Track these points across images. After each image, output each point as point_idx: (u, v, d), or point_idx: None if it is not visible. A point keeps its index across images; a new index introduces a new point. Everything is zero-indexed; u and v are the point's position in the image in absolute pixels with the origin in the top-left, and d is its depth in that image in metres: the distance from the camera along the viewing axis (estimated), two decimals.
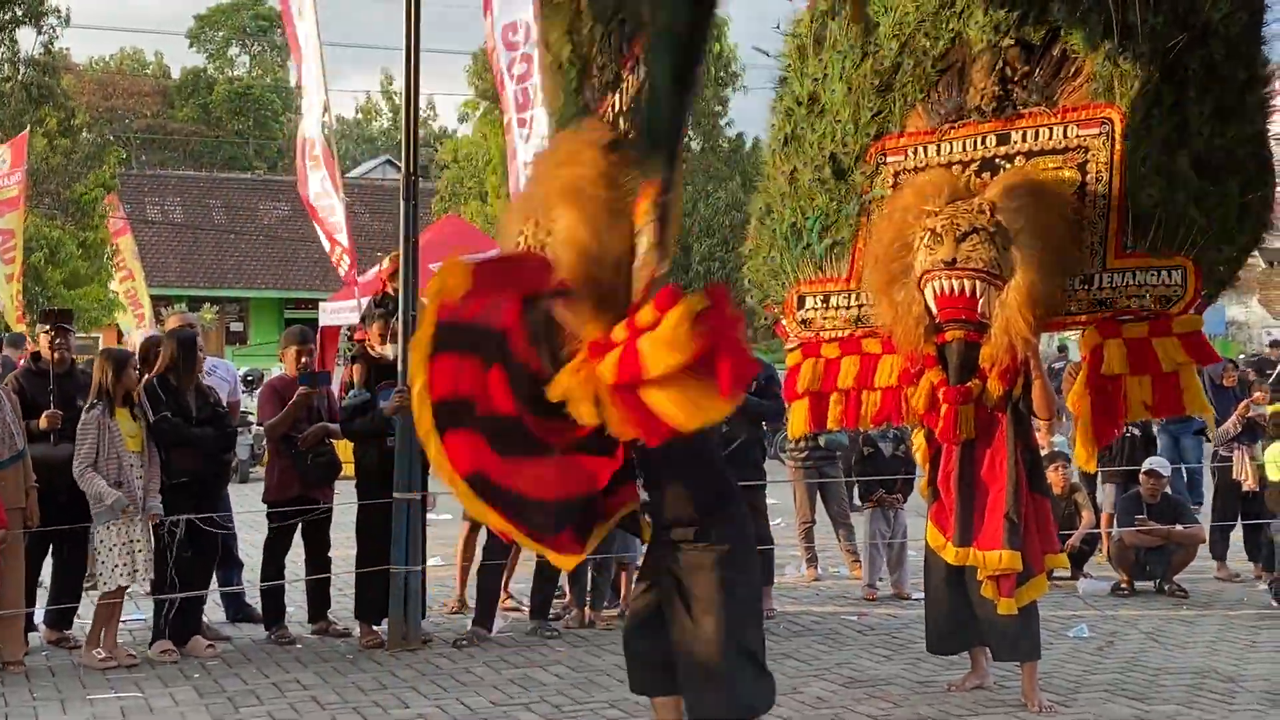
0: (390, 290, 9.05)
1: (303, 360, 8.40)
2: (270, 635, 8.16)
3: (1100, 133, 6.39)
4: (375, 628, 8.08)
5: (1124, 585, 9.87)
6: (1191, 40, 6.13)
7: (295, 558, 8.53)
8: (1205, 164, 6.16)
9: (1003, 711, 6.56)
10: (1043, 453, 8.19)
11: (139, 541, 7.46)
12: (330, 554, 8.51)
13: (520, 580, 9.09)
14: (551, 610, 8.65)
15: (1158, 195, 6.24)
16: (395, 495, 7.90)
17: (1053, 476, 9.72)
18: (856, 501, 11.34)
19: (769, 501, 9.71)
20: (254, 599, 8.58)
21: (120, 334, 22.74)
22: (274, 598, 8.29)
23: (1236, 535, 10.87)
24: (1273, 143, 6.37)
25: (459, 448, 4.88)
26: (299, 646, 8.01)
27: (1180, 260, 6.23)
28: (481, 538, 8.60)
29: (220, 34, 56.69)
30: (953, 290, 6.46)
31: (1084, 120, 6.44)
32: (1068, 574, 9.79)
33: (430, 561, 8.75)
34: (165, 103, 53.45)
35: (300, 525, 8.35)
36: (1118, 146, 6.33)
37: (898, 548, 9.81)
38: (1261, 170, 6.16)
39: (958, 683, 6.98)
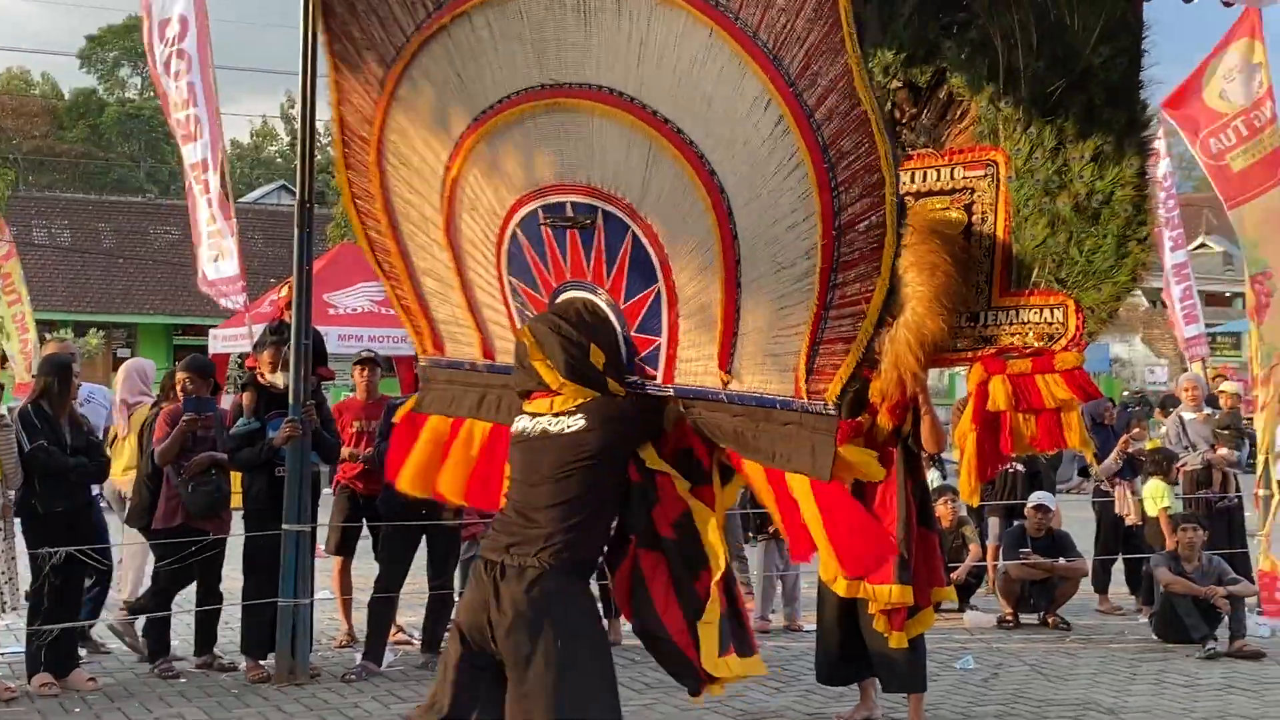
0: (287, 318, 8.95)
1: (188, 387, 8.26)
2: (154, 668, 7.99)
3: (985, 174, 6.53)
4: (262, 662, 7.95)
5: (1009, 618, 10.03)
6: (1072, 85, 6.29)
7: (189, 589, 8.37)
8: (1085, 206, 6.34)
9: None
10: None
11: (3, 573, 7.31)
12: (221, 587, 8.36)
13: (410, 611, 9.01)
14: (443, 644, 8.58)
15: (1040, 236, 6.41)
16: (284, 527, 7.79)
17: (941, 510, 9.87)
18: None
19: None
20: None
21: (4, 357, 22.16)
22: (158, 630, 8.12)
23: (1118, 569, 11.11)
24: (1152, 185, 6.56)
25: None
26: (183, 680, 7.85)
27: (1062, 299, 6.38)
28: (370, 570, 8.50)
29: (112, 54, 55.80)
30: None
31: (970, 162, 6.57)
32: (955, 606, 9.94)
33: (319, 594, 8.64)
34: (54, 123, 52.47)
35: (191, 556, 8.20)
36: (1002, 188, 6.47)
37: (791, 580, 9.88)
38: (1140, 213, 6.32)
39: (847, 714, 7.04)
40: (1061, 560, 10.05)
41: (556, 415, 4.53)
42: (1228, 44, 10.35)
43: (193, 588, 8.31)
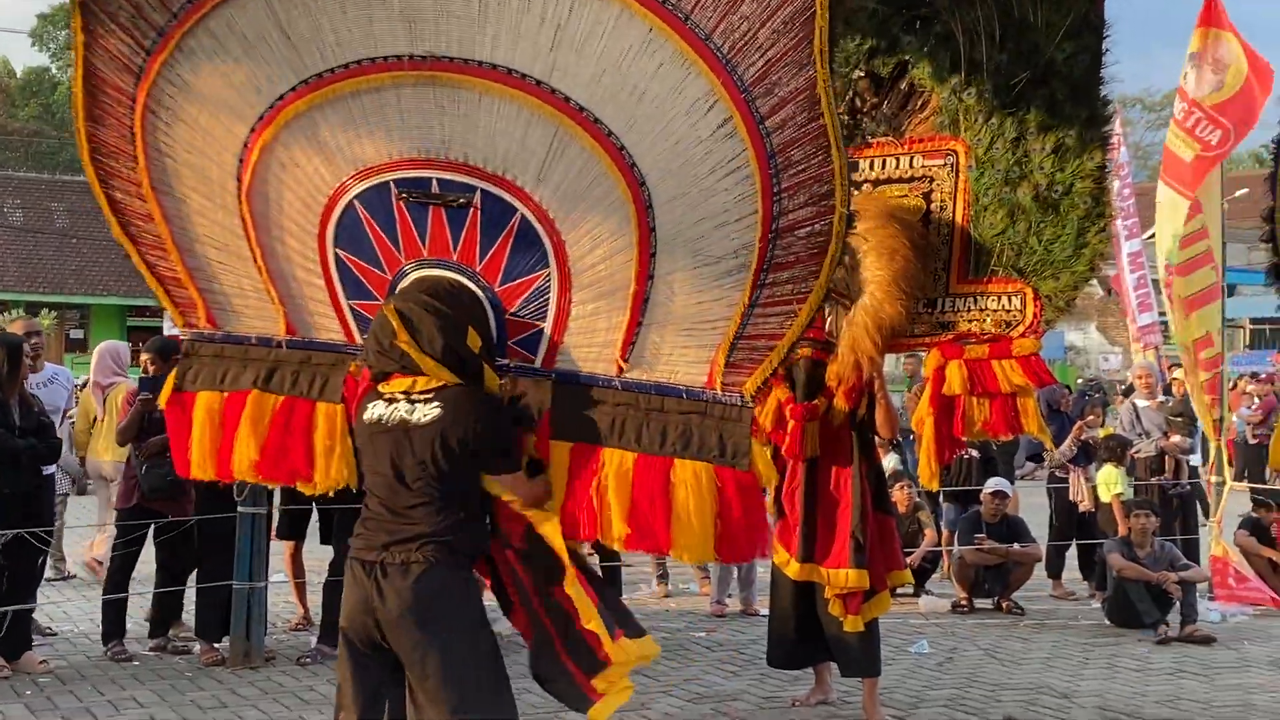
0: None
1: (148, 369, 8.23)
2: (107, 650, 7.93)
3: (945, 163, 6.57)
4: (216, 645, 7.90)
5: (963, 602, 10.10)
6: (1034, 79, 6.33)
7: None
8: (1045, 197, 6.38)
9: None
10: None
11: None
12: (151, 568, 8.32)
13: None
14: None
15: (999, 225, 6.46)
16: (239, 509, 7.75)
17: (898, 495, 9.93)
18: None
19: None
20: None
21: None
22: (114, 611, 8.07)
23: (1072, 554, 11.21)
24: (1112, 177, 6.62)
25: None
26: (136, 663, 7.80)
27: (1020, 287, 6.43)
28: (324, 552, 8.47)
29: (64, 33, 55.16)
30: None
31: (930, 151, 6.61)
32: (911, 591, 10.00)
33: (274, 577, 8.60)
34: (7, 102, 51.84)
35: (153, 540, 8.16)
36: (962, 177, 6.51)
37: (747, 565, 9.91)
38: (1099, 204, 6.38)
39: (802, 698, 7.08)
40: (1016, 546, 10.13)
41: (413, 400, 4.30)
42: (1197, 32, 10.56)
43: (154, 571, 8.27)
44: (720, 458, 4.49)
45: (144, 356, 8.29)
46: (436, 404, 4.25)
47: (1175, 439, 11.30)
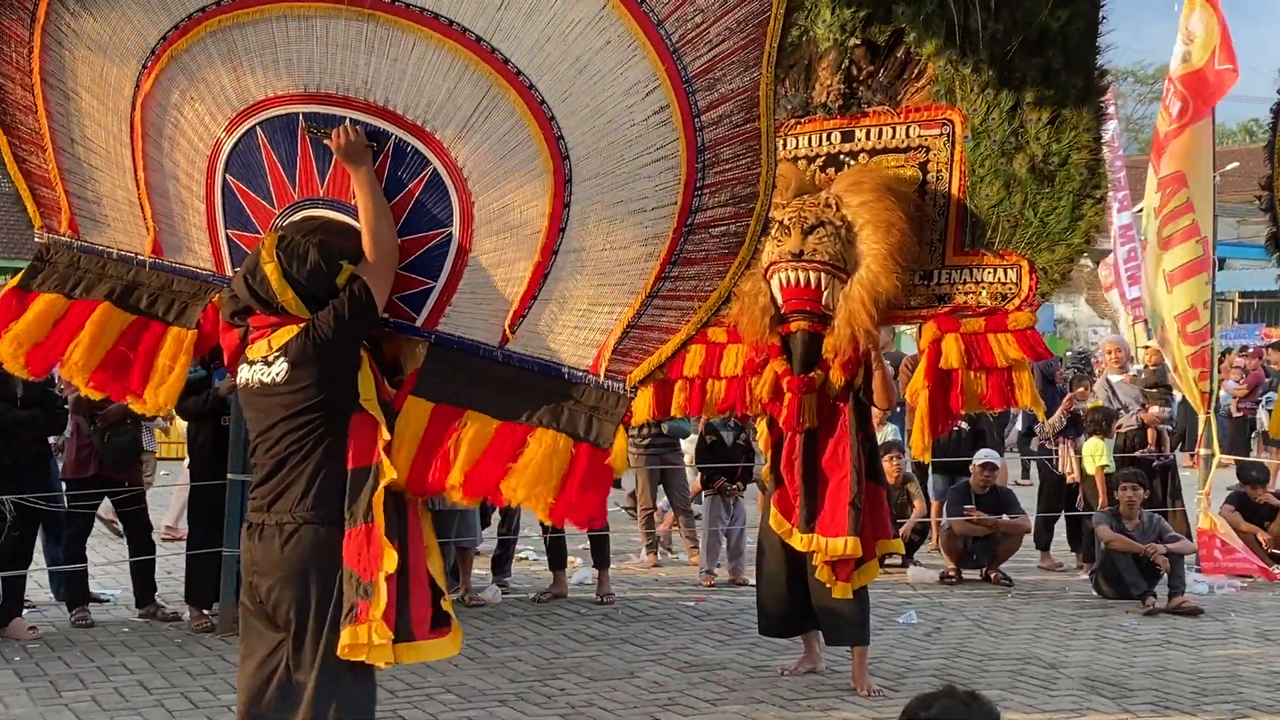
0: None
1: None
2: (72, 617, 7.93)
3: (941, 133, 6.55)
4: (206, 611, 7.90)
5: (952, 573, 10.14)
6: (1030, 47, 6.31)
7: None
8: (1041, 168, 6.36)
9: (834, 695, 6.69)
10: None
11: None
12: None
13: None
14: None
15: (995, 197, 6.44)
16: (229, 476, 7.74)
17: (887, 466, 9.93)
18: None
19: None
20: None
21: None
22: (76, 580, 8.07)
23: (1060, 526, 11.24)
24: (1105, 150, 6.59)
25: None
26: (126, 629, 7.81)
27: (1016, 259, 6.42)
28: None
29: None
30: (798, 282, 6.57)
31: (926, 121, 6.59)
32: (900, 561, 10.03)
33: None
34: None
35: (114, 510, 8.14)
36: (958, 147, 6.49)
37: (735, 535, 9.93)
38: (1094, 176, 6.36)
39: (791, 667, 7.10)
40: (1004, 517, 10.16)
41: (269, 362, 4.23)
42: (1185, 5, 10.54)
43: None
44: (585, 436, 4.41)
45: None
46: (283, 360, 4.19)
47: (1154, 410, 11.33)
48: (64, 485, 7.98)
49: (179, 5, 4.39)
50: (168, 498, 11.59)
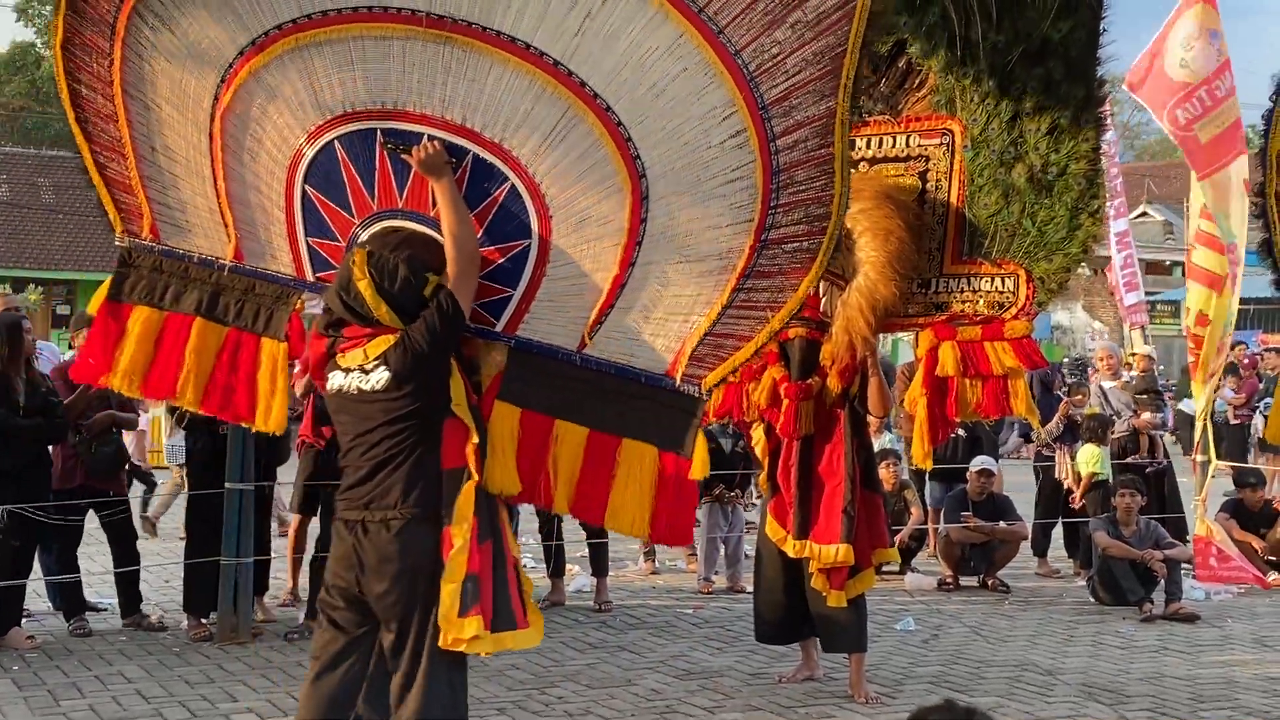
0: None
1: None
2: (70, 626, 7.93)
3: (941, 143, 6.57)
4: (204, 620, 7.90)
5: (949, 580, 10.14)
6: (1031, 58, 6.33)
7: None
8: (1039, 178, 6.39)
9: (831, 703, 6.69)
10: None
11: None
12: (142, 544, 8.30)
13: None
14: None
15: (993, 206, 6.47)
16: (227, 485, 7.74)
17: (883, 474, 9.94)
18: None
19: None
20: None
21: None
22: (70, 589, 8.06)
23: (1057, 533, 11.25)
24: (1103, 159, 6.62)
25: None
26: (124, 639, 7.81)
27: (1013, 268, 6.44)
28: (313, 529, 8.47)
29: (49, 8, 54.80)
30: None
31: (926, 130, 6.60)
32: (897, 568, 10.04)
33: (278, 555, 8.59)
34: None
35: (99, 520, 8.13)
36: (957, 157, 6.51)
37: (734, 542, 9.94)
38: (1092, 186, 6.39)
39: (788, 675, 7.11)
40: (1001, 524, 10.17)
41: (366, 371, 4.42)
42: (1181, 11, 10.39)
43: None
44: (665, 443, 4.67)
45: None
46: (383, 368, 4.38)
47: (1146, 416, 11.34)
48: (51, 496, 7.92)
49: (256, 22, 4.51)
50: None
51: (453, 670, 4.44)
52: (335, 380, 4.51)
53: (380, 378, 4.38)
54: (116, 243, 5.27)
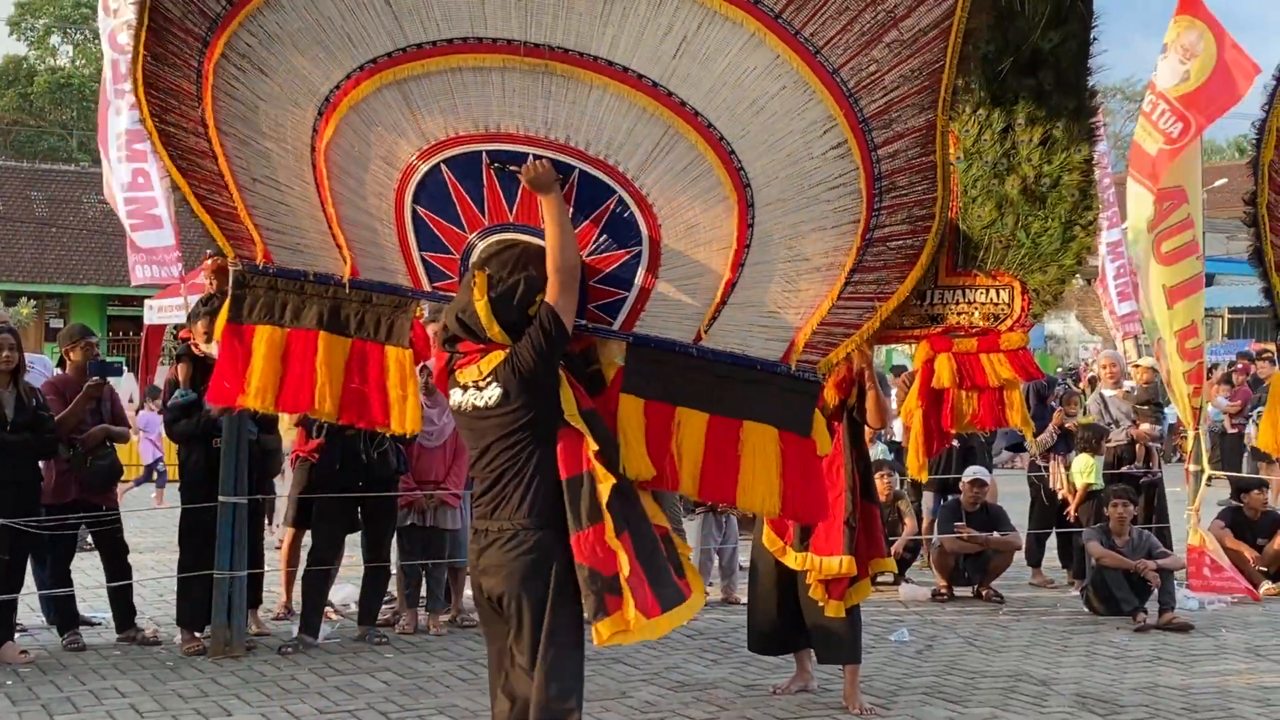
0: (215, 288, 8.90)
1: (93, 351, 8.18)
2: (65, 640, 7.90)
3: None
4: (198, 634, 7.88)
5: (943, 590, 10.14)
6: (1022, 68, 6.35)
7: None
8: (1033, 190, 6.41)
9: (825, 714, 6.69)
10: None
11: None
12: (135, 557, 8.27)
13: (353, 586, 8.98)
14: (383, 616, 8.56)
15: (987, 218, 6.48)
16: (220, 498, 7.73)
17: (879, 484, 9.95)
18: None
19: None
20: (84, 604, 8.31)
21: None
22: (64, 604, 8.03)
23: (1051, 543, 11.24)
24: (1097, 170, 6.63)
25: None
26: (118, 653, 7.79)
27: (1008, 280, 6.45)
28: (306, 541, 8.47)
29: (42, 22, 54.79)
30: None
31: None
32: (891, 579, 10.04)
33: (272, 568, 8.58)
34: None
35: (91, 534, 8.10)
36: (951, 168, 6.52)
37: (728, 554, 9.93)
38: (1086, 197, 6.40)
39: (783, 686, 7.11)
40: (995, 534, 10.17)
41: (480, 388, 4.66)
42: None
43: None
44: (785, 424, 4.99)
45: (81, 344, 8.19)
46: (495, 385, 4.63)
47: (1144, 427, 11.35)
48: (44, 510, 7.89)
49: (349, 58, 4.66)
50: (157, 520, 11.56)
51: (576, 664, 4.70)
52: (455, 397, 4.77)
53: (492, 394, 4.63)
54: (229, 267, 5.52)
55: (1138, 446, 11.29)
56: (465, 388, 4.72)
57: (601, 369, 5.06)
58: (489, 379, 4.63)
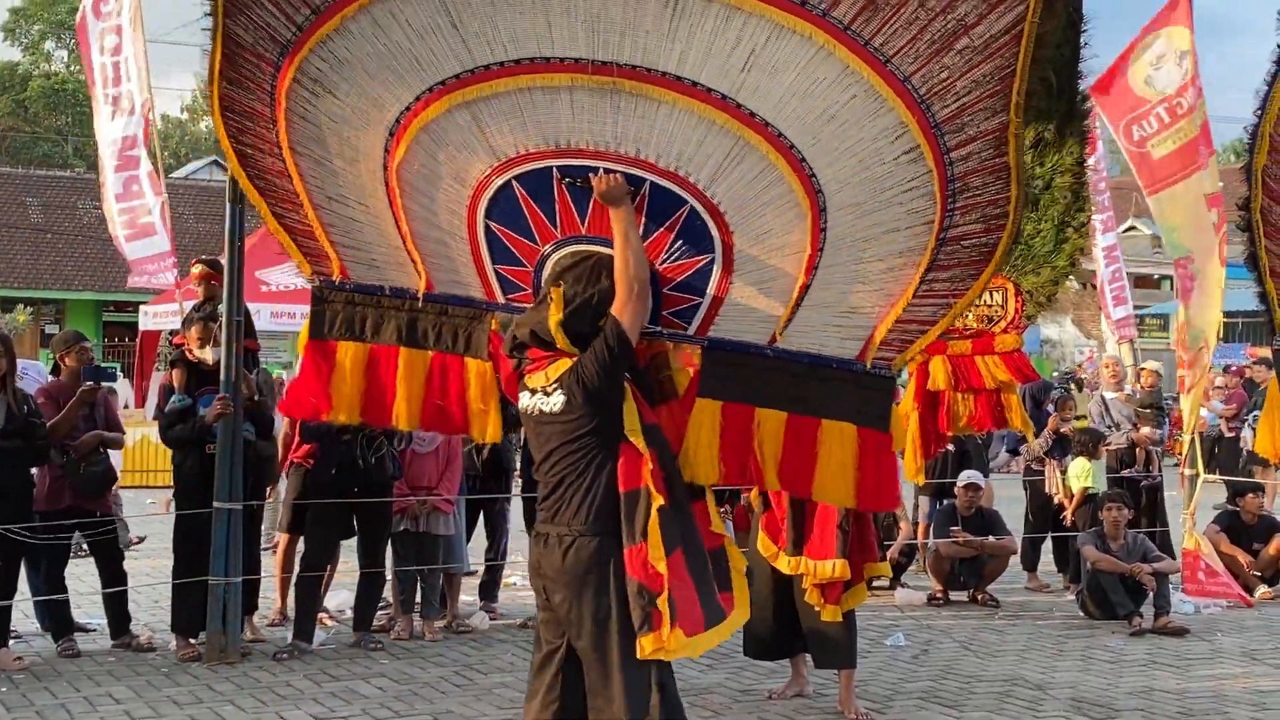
0: (202, 295, 8.94)
1: (88, 356, 8.17)
2: (59, 647, 7.88)
3: None
4: (193, 640, 7.87)
5: (939, 595, 10.14)
6: None
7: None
8: (1026, 192, 6.41)
9: (821, 719, 6.68)
10: None
11: None
12: (130, 563, 8.26)
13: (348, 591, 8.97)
14: (378, 621, 8.55)
15: None
16: (215, 504, 7.72)
17: None
18: None
19: None
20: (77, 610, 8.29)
21: None
22: (58, 610, 8.02)
23: (1047, 547, 11.24)
24: (1090, 172, 6.64)
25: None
26: (112, 659, 7.78)
27: (1002, 282, 6.46)
28: (300, 548, 8.46)
29: (36, 28, 54.80)
30: None
31: None
32: (887, 584, 10.03)
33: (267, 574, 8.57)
34: None
35: (85, 540, 8.08)
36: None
37: None
38: (1078, 199, 6.42)
39: (778, 691, 7.10)
40: (991, 538, 10.17)
41: (547, 393, 4.75)
42: (1157, 28, 10.41)
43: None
44: (863, 420, 5.10)
45: (75, 349, 8.17)
46: (560, 392, 4.71)
47: (1145, 430, 11.35)
48: (37, 517, 7.86)
49: (418, 80, 4.75)
50: (152, 527, 11.56)
51: (646, 670, 4.69)
52: (523, 400, 4.87)
53: (557, 401, 4.72)
54: (307, 284, 5.69)
55: (1138, 450, 11.29)
56: (533, 392, 4.81)
57: (673, 375, 5.17)
58: (555, 385, 4.72)
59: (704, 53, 4.42)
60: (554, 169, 4.85)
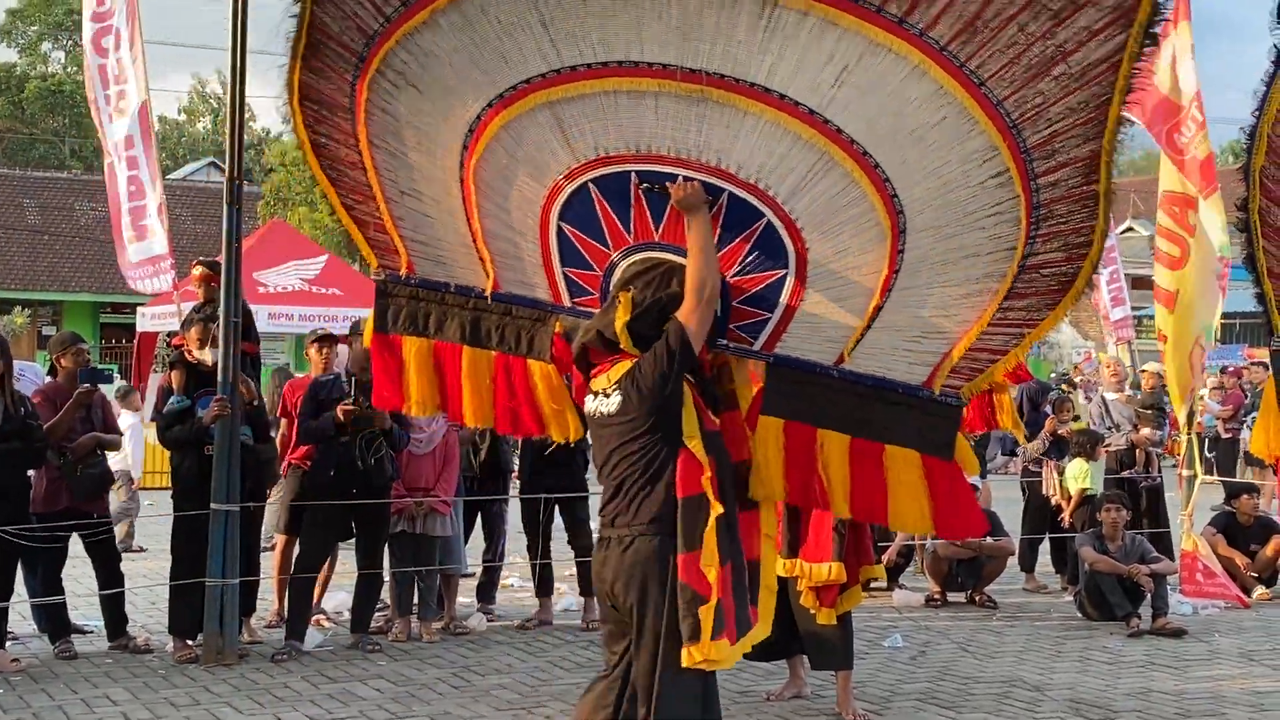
0: (203, 297, 8.93)
1: (84, 358, 8.16)
2: (56, 649, 7.87)
3: None
4: (190, 642, 7.86)
5: (937, 596, 10.13)
6: None
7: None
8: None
9: None
10: None
11: None
12: (128, 565, 8.24)
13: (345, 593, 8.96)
14: (375, 623, 8.54)
15: None
16: (213, 505, 7.71)
17: None
18: None
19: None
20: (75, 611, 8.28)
21: None
22: (55, 612, 8.00)
23: (1044, 548, 11.24)
24: None
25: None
26: (109, 661, 7.77)
27: None
28: (296, 549, 8.45)
29: (34, 29, 54.78)
30: None
31: None
32: (884, 585, 10.03)
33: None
34: None
35: (82, 542, 8.07)
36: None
37: None
38: None
39: (776, 692, 7.10)
40: (988, 539, 10.16)
41: (608, 395, 4.76)
42: (1165, 33, 10.39)
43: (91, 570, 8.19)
44: (926, 448, 5.04)
45: (71, 351, 8.14)
46: (618, 394, 4.72)
47: (1145, 432, 11.34)
48: (34, 519, 7.84)
49: (503, 78, 4.73)
50: (150, 528, 11.55)
51: (693, 678, 4.69)
52: (588, 404, 4.89)
53: (614, 402, 4.73)
54: (373, 276, 5.68)
55: (1138, 451, 11.28)
56: (595, 395, 4.83)
57: (735, 389, 5.13)
58: (614, 387, 4.73)
59: (795, 66, 4.38)
60: (632, 173, 4.81)
